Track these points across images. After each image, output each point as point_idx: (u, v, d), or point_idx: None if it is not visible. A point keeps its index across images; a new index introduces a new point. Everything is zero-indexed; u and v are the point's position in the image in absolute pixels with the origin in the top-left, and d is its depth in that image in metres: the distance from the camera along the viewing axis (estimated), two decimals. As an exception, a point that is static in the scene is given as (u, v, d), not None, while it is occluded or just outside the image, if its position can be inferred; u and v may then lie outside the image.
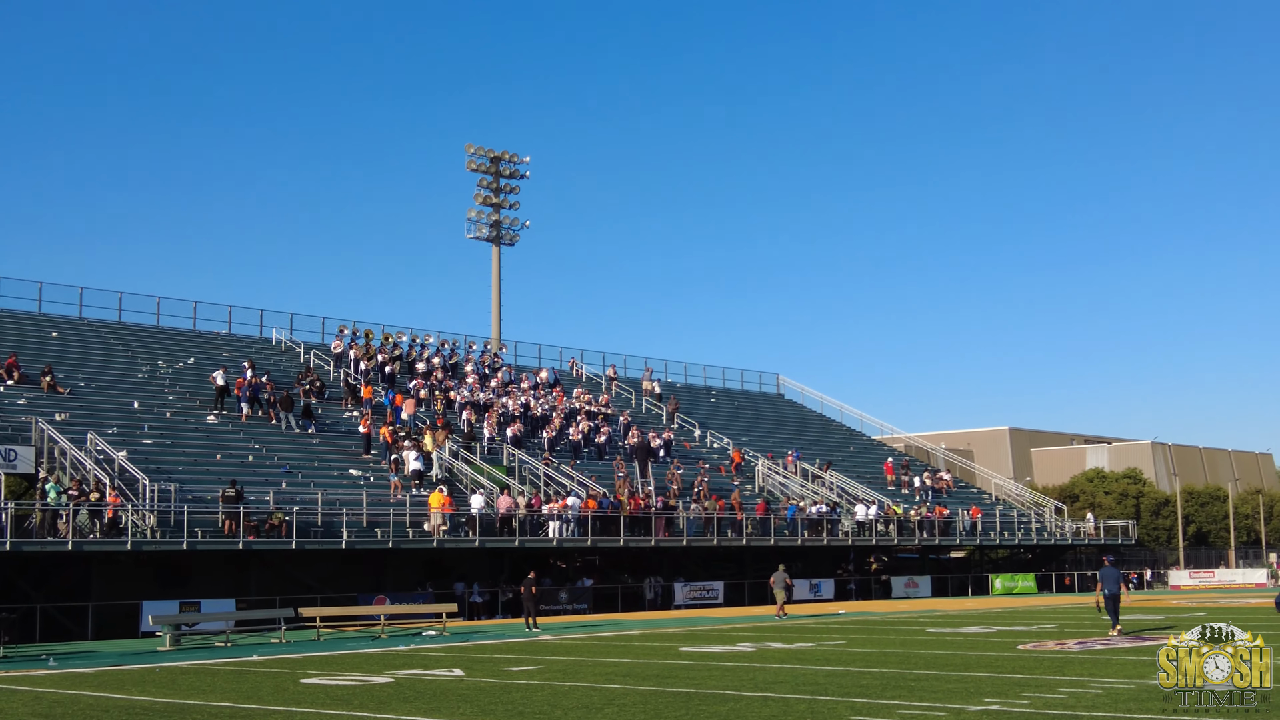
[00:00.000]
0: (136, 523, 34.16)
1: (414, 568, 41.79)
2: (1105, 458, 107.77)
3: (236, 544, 35.25)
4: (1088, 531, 66.08)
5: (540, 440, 50.54)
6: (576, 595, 43.66)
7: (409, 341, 55.48)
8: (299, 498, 38.39)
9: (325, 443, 44.90)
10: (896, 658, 22.80)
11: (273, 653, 26.62)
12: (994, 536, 60.78)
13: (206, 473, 39.00)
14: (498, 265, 68.21)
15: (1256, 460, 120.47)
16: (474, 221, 68.00)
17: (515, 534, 41.63)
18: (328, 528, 37.97)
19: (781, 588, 39.26)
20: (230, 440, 42.53)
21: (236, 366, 47.26)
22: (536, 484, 45.71)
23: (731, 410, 68.55)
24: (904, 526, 55.79)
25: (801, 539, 50.76)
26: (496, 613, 41.23)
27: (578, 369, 64.16)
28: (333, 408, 48.29)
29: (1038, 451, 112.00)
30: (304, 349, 53.64)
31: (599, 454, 52.33)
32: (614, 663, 22.75)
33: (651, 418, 60.44)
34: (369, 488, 41.25)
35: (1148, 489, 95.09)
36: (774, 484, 56.26)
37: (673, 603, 46.20)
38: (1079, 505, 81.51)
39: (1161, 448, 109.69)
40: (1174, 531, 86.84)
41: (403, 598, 38.17)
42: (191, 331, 52.38)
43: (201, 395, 45.35)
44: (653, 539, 45.42)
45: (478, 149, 67.94)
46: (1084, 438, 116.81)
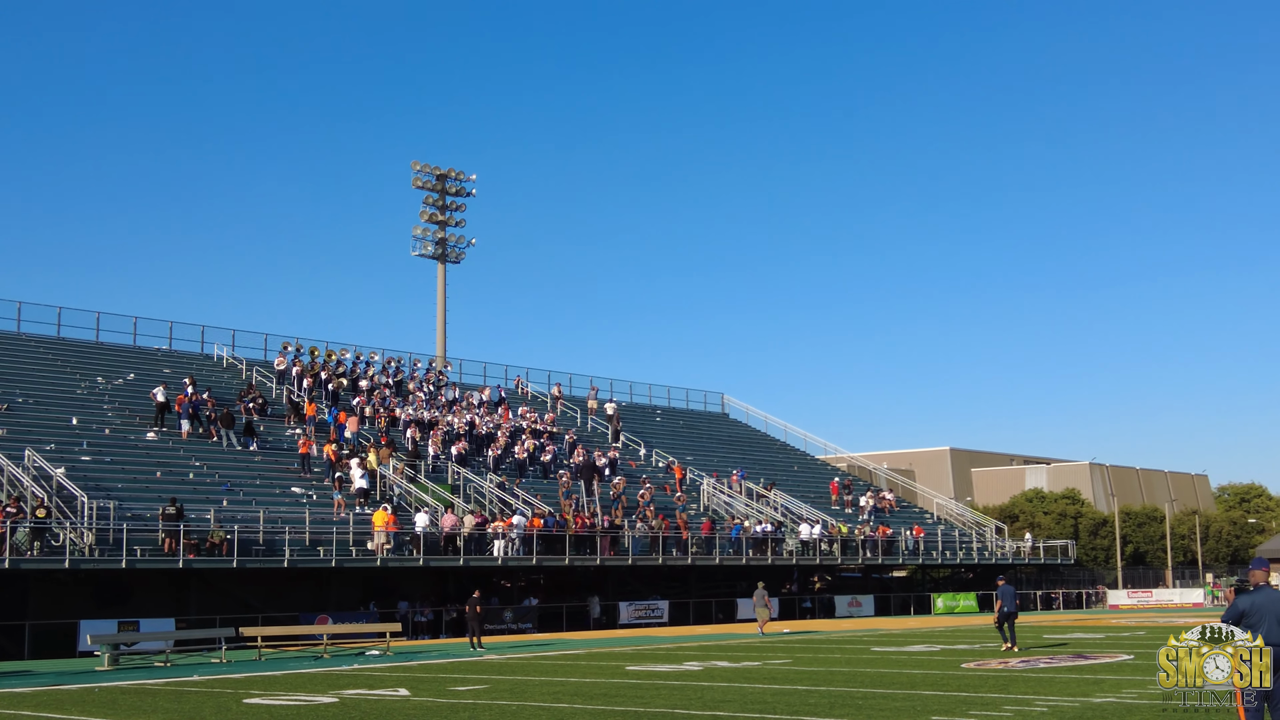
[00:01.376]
0: (75, 541, 33.62)
1: (357, 587, 41.42)
2: (1044, 478, 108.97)
3: (176, 562, 34.78)
4: (1027, 551, 66.69)
5: (485, 459, 50.33)
6: (521, 614, 43.46)
7: (353, 358, 55.12)
8: (240, 516, 37.95)
9: (267, 460, 44.44)
10: (843, 676, 22.87)
11: (214, 673, 26.25)
12: (936, 556, 61.22)
13: (146, 490, 38.46)
14: (443, 283, 67.95)
15: (1193, 481, 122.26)
16: (420, 239, 67.75)
17: (460, 553, 41.39)
18: (269, 546, 37.56)
19: (762, 605, 40.32)
20: (171, 457, 41.99)
21: (177, 383, 46.71)
22: (481, 502, 45.50)
23: (677, 429, 68.62)
24: (847, 546, 56.05)
25: (746, 558, 50.86)
26: (441, 632, 40.94)
27: (523, 387, 64.01)
28: (275, 425, 47.82)
29: (978, 472, 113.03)
30: (246, 365, 53.13)
31: (544, 473, 52.19)
32: (561, 682, 22.65)
33: (597, 436, 60.38)
34: (312, 506, 40.86)
35: (1086, 509, 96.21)
36: (719, 503, 56.35)
37: (618, 622, 46.10)
38: (1019, 525, 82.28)
39: (1099, 469, 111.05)
40: (1112, 551, 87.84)
41: (346, 617, 37.82)
42: (131, 347, 51.71)
43: (141, 412, 44.77)
44: (598, 558, 45.33)
45: (424, 166, 67.72)
46: (1023, 458, 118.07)
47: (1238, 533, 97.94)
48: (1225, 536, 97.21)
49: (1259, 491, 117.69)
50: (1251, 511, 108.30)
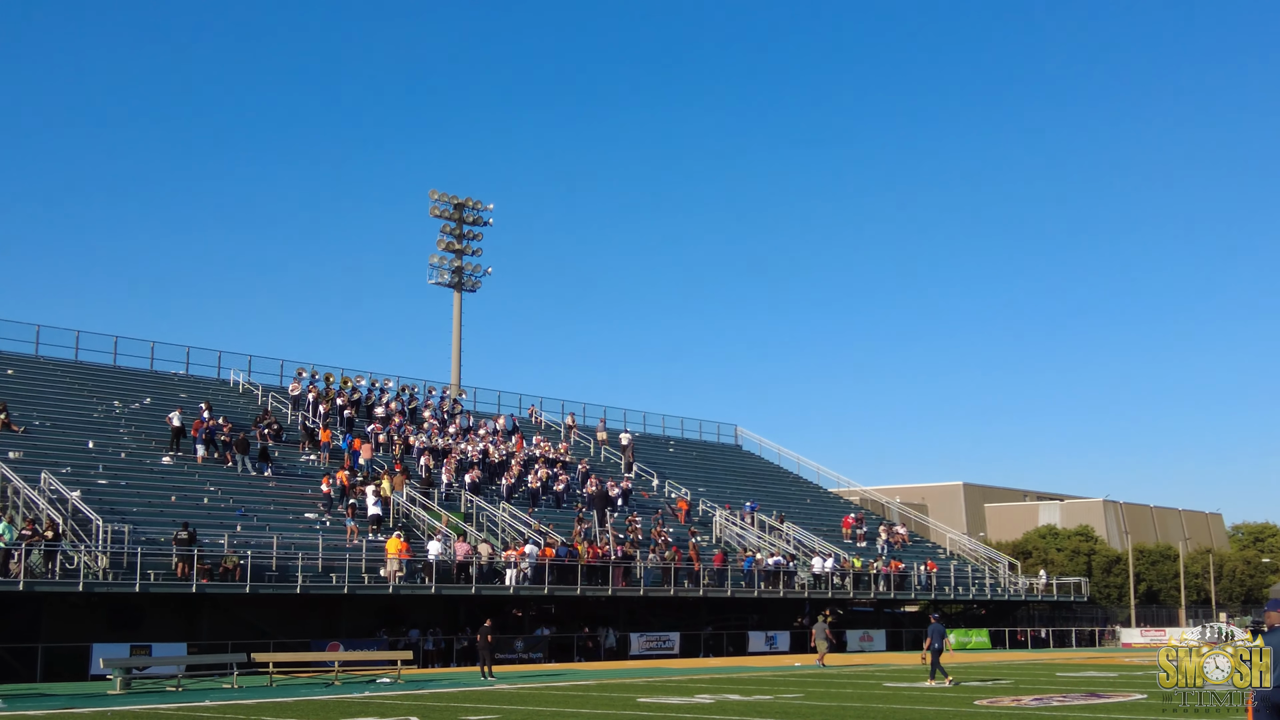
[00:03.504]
0: (89, 564, 33.73)
1: (369, 614, 41.43)
2: (1058, 515, 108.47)
3: (189, 587, 34.87)
4: (1040, 588, 66.41)
5: (498, 487, 50.38)
6: (532, 644, 43.40)
7: (368, 386, 55.29)
8: (254, 541, 38.05)
9: (281, 486, 44.56)
10: (855, 712, 22.80)
11: (225, 698, 26.29)
12: (948, 591, 60.99)
13: (161, 514, 38.58)
14: (459, 311, 68.17)
15: (1207, 520, 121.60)
16: (436, 267, 67.99)
17: (472, 581, 41.41)
18: (282, 572, 37.63)
19: (823, 638, 41.02)
20: (185, 482, 42.14)
21: (193, 408, 46.90)
22: (494, 531, 45.52)
23: (690, 460, 68.60)
24: (860, 579, 55.89)
25: (758, 590, 50.75)
26: (452, 660, 40.91)
27: (537, 416, 64.10)
28: (290, 451, 47.97)
29: (991, 507, 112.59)
30: (262, 391, 53.32)
31: (557, 502, 52.22)
32: (572, 713, 22.63)
33: (610, 466, 60.40)
34: (325, 532, 40.95)
35: (1099, 546, 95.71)
36: (731, 535, 56.28)
37: (629, 653, 45.99)
38: (1032, 561, 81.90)
39: (1113, 506, 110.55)
40: (1125, 589, 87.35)
41: (357, 644, 37.83)
42: (149, 372, 51.95)
43: (157, 436, 44.95)
44: (610, 588, 45.27)
45: (441, 195, 68.03)
46: (1037, 494, 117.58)
47: (1251, 572, 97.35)
48: (1239, 576, 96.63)
49: (1273, 531, 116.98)
50: (1266, 551, 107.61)
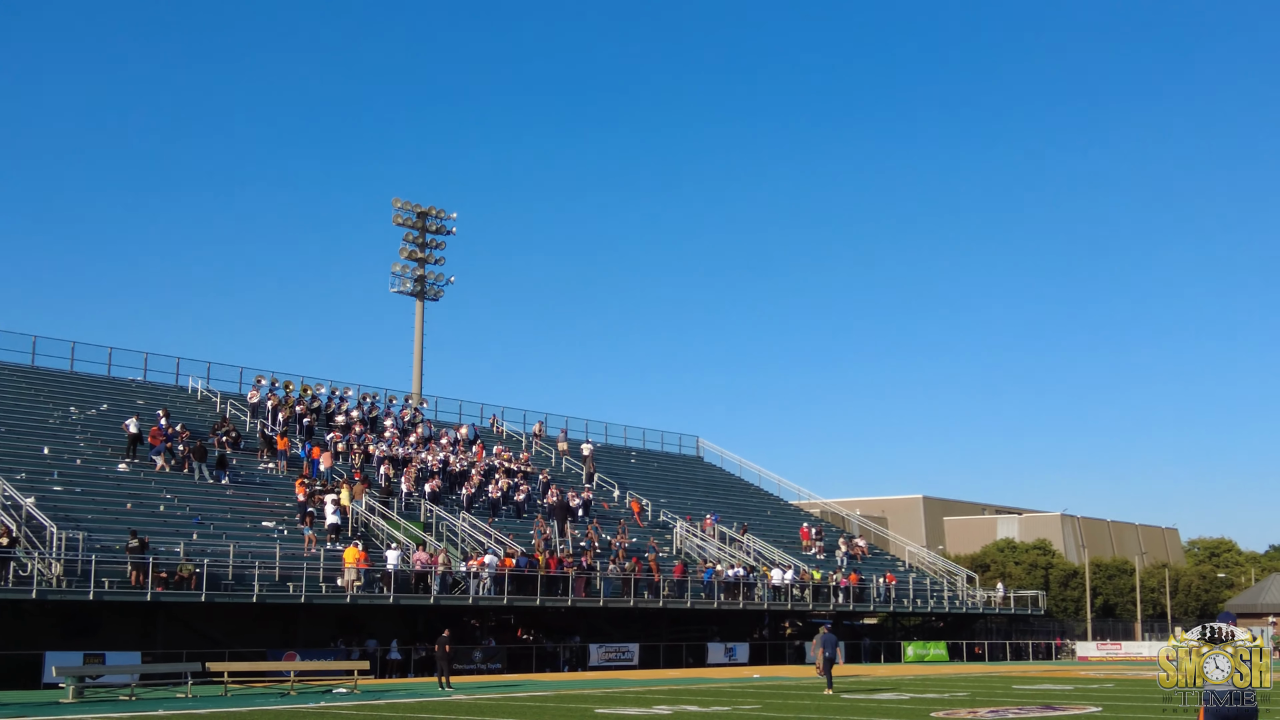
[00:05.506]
0: (43, 571, 33.36)
1: (326, 623, 41.17)
2: (1016, 528, 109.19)
3: (144, 595, 34.54)
4: (998, 601, 66.79)
5: (459, 497, 50.21)
6: (490, 654, 43.26)
7: (328, 394, 54.99)
8: (210, 549, 37.74)
9: (239, 494, 44.22)
10: (812, 723, 22.83)
11: (178, 708, 26.05)
12: (907, 604, 61.24)
13: (116, 522, 38.21)
14: (421, 320, 67.91)
15: (1163, 535, 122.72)
16: (398, 275, 67.68)
17: (430, 591, 41.22)
18: (239, 580, 37.33)
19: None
20: (142, 489, 41.76)
21: (150, 414, 46.50)
22: (454, 541, 45.36)
23: (651, 471, 68.61)
24: (819, 591, 56.05)
25: (718, 602, 50.79)
26: (410, 671, 40.69)
27: (498, 426, 63.97)
28: (248, 459, 47.63)
29: (950, 520, 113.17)
30: (220, 398, 52.91)
31: (517, 512, 52.09)
32: (530, 723, 22.54)
33: (571, 477, 60.31)
34: (282, 541, 40.64)
35: (1057, 560, 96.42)
36: (692, 546, 56.31)
37: (588, 664, 45.91)
38: (990, 575, 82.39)
39: (1071, 520, 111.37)
40: (1082, 603, 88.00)
41: (314, 654, 37.56)
42: (106, 378, 51.47)
43: (114, 443, 44.53)
44: (569, 599, 45.19)
45: (404, 203, 67.78)
46: (995, 508, 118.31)
47: (1207, 586, 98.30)
48: (1195, 590, 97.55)
49: (1228, 546, 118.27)
50: (1221, 566, 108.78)
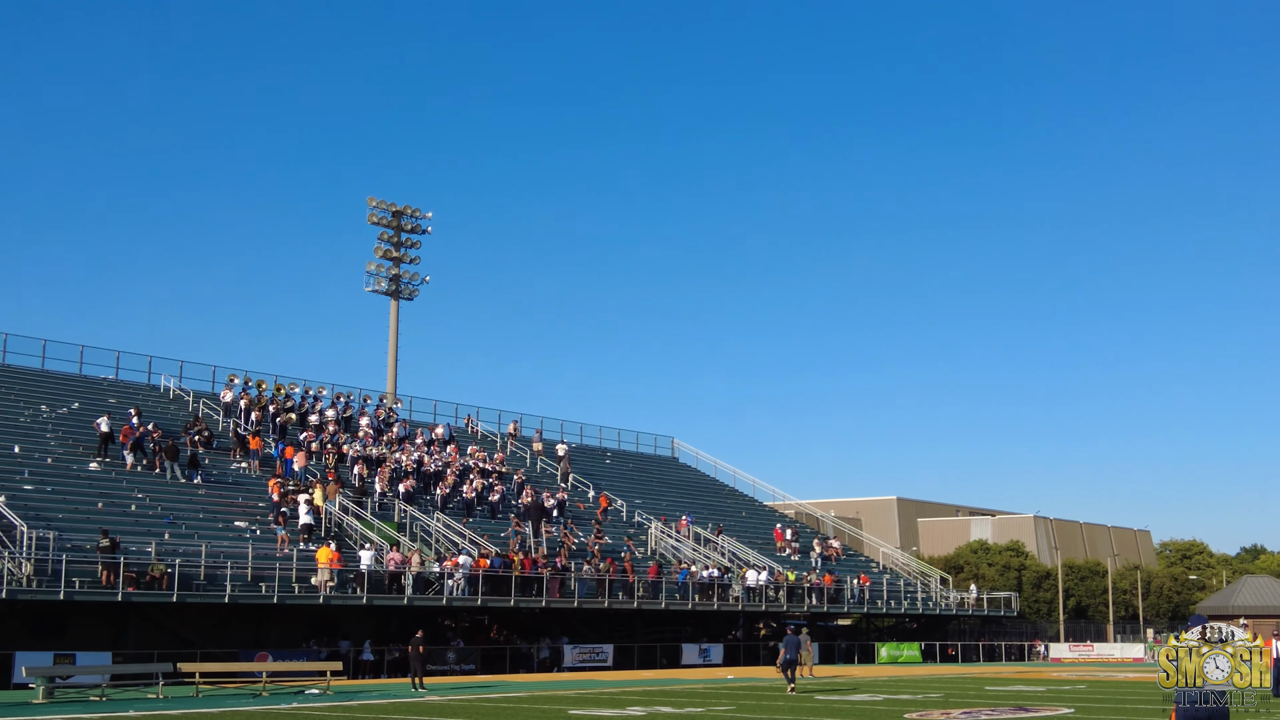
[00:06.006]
0: (13, 570, 33.08)
1: (299, 624, 40.97)
2: (989, 530, 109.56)
3: (115, 595, 34.30)
4: (971, 603, 67.00)
5: (433, 497, 50.05)
6: (464, 655, 43.13)
7: (302, 393, 54.72)
8: (182, 549, 37.51)
9: (211, 493, 43.97)
10: (786, 724, 22.83)
11: (150, 708, 25.87)
12: (881, 605, 61.36)
13: (87, 521, 37.94)
14: (396, 319, 67.67)
15: (1135, 537, 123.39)
16: (373, 274, 67.43)
17: (404, 592, 41.08)
18: (211, 581, 37.11)
19: (805, 650, 41.42)
20: (113, 489, 41.47)
21: (122, 413, 46.20)
22: (428, 541, 45.21)
23: (626, 472, 68.55)
24: (794, 592, 56.10)
25: (693, 603, 50.78)
26: (383, 672, 40.54)
27: (473, 426, 63.79)
28: (220, 458, 47.35)
29: (924, 522, 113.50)
30: (193, 397, 52.59)
31: (492, 513, 51.97)
32: (503, 725, 22.47)
33: (546, 477, 60.21)
34: (255, 541, 40.43)
35: (1030, 562, 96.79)
36: (666, 547, 56.28)
37: (562, 664, 45.83)
38: (963, 576, 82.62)
39: (1044, 522, 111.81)
40: (1055, 605, 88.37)
41: (287, 654, 37.35)
42: (77, 376, 51.08)
43: (85, 442, 44.21)
44: (544, 600, 45.10)
45: (380, 202, 67.54)
46: (969, 510, 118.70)
47: (1178, 589, 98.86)
48: (1166, 592, 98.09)
49: (1200, 548, 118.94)
50: (1192, 568, 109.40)
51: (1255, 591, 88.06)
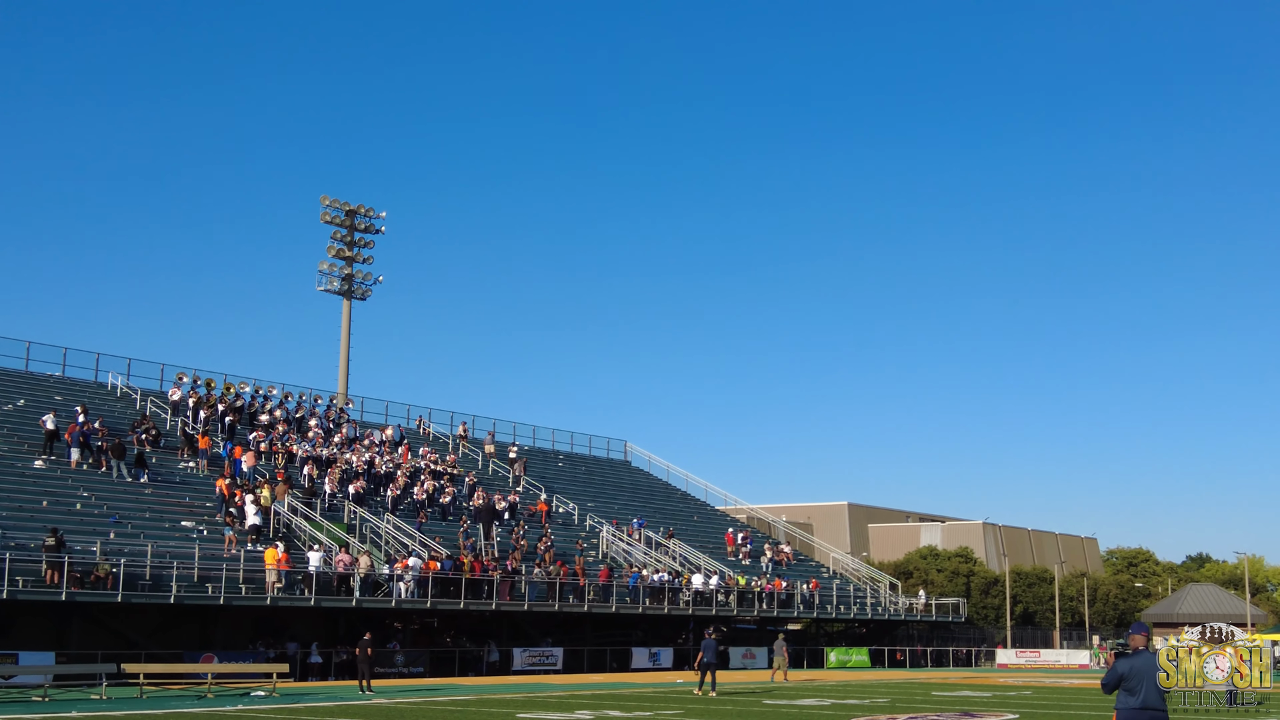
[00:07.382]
0: (-48, 569, 32.60)
1: (246, 625, 40.64)
2: (939, 536, 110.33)
3: (59, 595, 33.88)
4: (920, 608, 67.41)
5: (383, 498, 49.78)
6: (413, 658, 42.90)
7: (251, 392, 54.28)
8: (127, 549, 37.09)
9: (158, 493, 43.51)
10: (733, 729, 22.87)
11: (93, 709, 25.57)
12: (830, 610, 61.60)
13: (31, 519, 37.45)
14: (348, 319, 67.29)
15: (1082, 544, 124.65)
16: (325, 274, 67.02)
17: (353, 593, 40.83)
18: (156, 581, 36.71)
19: (780, 654, 43.91)
20: (58, 487, 40.96)
21: (68, 410, 45.66)
22: (378, 543, 44.95)
23: (579, 475, 68.47)
24: (744, 597, 56.21)
25: (643, 606, 50.77)
26: (331, 674, 40.27)
27: (425, 427, 63.52)
28: (168, 457, 46.88)
29: (875, 527, 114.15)
30: (140, 395, 52.05)
31: (443, 514, 51.76)
32: (450, 728, 22.38)
33: (498, 480, 60.05)
34: (202, 541, 40.04)
35: (978, 568, 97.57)
36: (618, 550, 56.26)
37: (511, 668, 45.70)
38: (913, 581, 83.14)
39: (992, 528, 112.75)
40: (1002, 611, 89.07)
41: (233, 656, 37.03)
42: (23, 372, 50.43)
43: (30, 439, 43.64)
44: (494, 602, 44.95)
45: (333, 201, 67.15)
46: (919, 516, 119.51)
47: (1124, 596, 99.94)
48: (1112, 599, 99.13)
49: (1146, 556, 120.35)
50: (1138, 576, 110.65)
51: (1200, 600, 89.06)
